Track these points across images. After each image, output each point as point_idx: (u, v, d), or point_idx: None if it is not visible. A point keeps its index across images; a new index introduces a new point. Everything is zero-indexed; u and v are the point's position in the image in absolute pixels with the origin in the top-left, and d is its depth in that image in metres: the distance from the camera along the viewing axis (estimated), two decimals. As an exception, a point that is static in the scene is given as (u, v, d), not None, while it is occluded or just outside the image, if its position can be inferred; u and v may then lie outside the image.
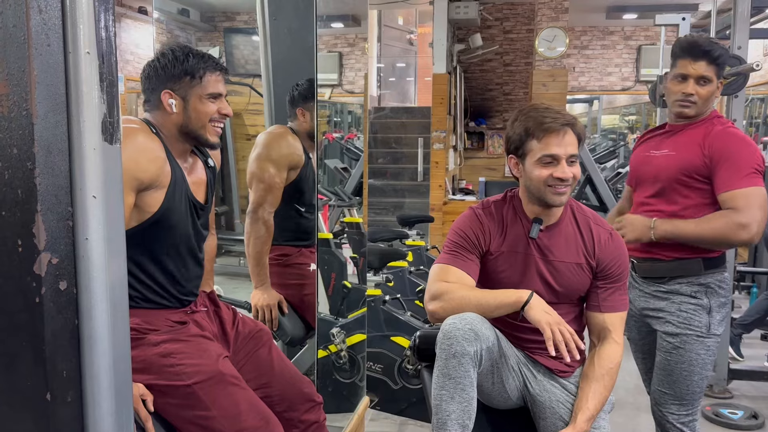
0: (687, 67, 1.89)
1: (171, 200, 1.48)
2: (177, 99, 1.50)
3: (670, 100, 1.96)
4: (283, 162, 2.23)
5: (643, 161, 2.03)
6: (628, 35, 8.54)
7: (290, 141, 2.26)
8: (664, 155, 1.96)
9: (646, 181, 2.00)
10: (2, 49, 0.75)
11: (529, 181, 1.62)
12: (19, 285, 0.78)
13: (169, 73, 1.49)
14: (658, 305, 1.98)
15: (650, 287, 2.01)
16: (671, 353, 1.94)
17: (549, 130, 1.57)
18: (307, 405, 1.65)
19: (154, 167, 1.44)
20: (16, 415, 0.80)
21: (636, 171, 2.07)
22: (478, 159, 7.92)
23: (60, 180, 0.79)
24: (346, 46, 8.40)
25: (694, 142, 1.91)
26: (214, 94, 1.52)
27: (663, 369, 1.97)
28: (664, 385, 1.97)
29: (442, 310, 1.60)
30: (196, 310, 1.58)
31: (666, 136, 2.01)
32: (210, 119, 1.52)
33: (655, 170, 1.97)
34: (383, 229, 4.16)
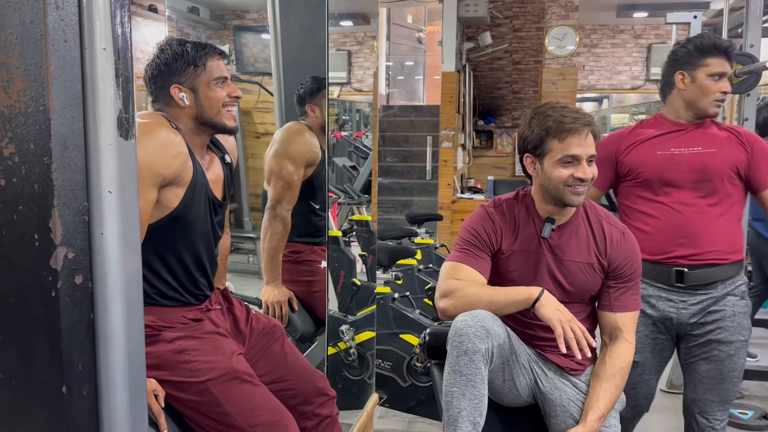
0: (723, 66, 1.88)
1: (191, 197, 1.48)
2: (187, 91, 1.50)
3: (707, 99, 1.89)
4: (300, 159, 2.23)
5: (669, 161, 1.91)
6: (638, 34, 8.50)
7: (307, 137, 2.26)
8: (701, 153, 1.90)
9: (685, 181, 1.90)
10: (20, 45, 0.76)
11: (548, 180, 1.61)
12: (36, 279, 0.78)
13: (173, 67, 1.50)
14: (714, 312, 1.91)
15: (698, 296, 1.91)
16: (725, 362, 1.90)
17: (571, 130, 1.56)
18: (321, 399, 1.66)
19: (178, 163, 1.45)
20: (32, 408, 0.81)
21: (662, 172, 1.92)
22: (487, 157, 7.90)
23: (76, 175, 0.79)
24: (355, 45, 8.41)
25: (726, 138, 1.92)
26: (220, 78, 1.53)
27: (713, 378, 1.92)
28: (713, 394, 1.93)
29: (452, 307, 1.60)
30: (211, 308, 1.59)
31: (677, 134, 1.95)
32: (222, 104, 1.53)
33: (701, 168, 1.89)
34: (392, 227, 4.16)
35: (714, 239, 1.89)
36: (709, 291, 1.90)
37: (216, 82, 1.52)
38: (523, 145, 1.66)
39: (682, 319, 1.93)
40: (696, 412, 1.96)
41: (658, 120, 2.02)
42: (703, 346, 1.92)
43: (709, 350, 1.91)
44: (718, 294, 1.90)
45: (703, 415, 1.95)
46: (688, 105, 1.94)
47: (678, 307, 1.93)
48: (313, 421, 1.64)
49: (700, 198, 1.90)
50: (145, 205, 1.38)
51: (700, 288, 1.90)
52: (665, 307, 1.94)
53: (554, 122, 1.58)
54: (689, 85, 1.92)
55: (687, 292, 1.91)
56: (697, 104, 1.92)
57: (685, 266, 1.89)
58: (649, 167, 1.94)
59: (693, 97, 1.92)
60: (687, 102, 1.94)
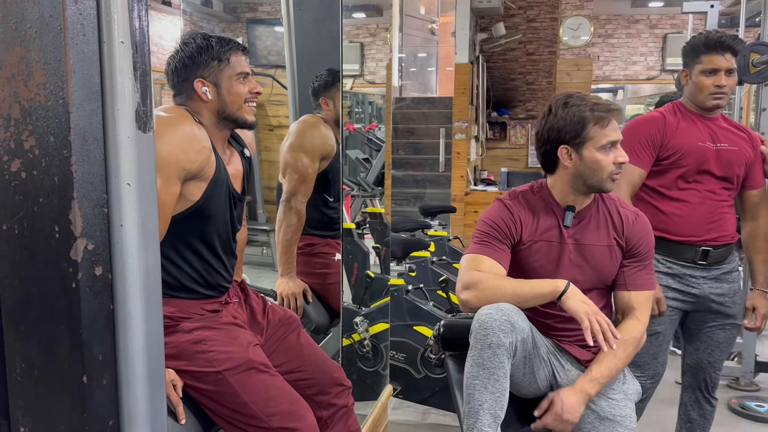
0: (716, 61, 2.02)
1: (213, 190, 1.49)
2: (210, 86, 1.51)
3: (702, 94, 2.05)
4: (316, 152, 2.24)
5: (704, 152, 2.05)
6: (653, 24, 8.42)
7: (323, 130, 2.27)
8: (727, 149, 2.06)
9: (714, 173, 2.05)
10: (39, 39, 0.77)
11: (589, 169, 1.62)
12: (57, 270, 0.79)
13: (197, 61, 1.50)
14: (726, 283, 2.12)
15: (713, 271, 2.09)
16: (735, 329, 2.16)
17: (609, 117, 1.60)
18: (337, 389, 1.67)
19: (202, 157, 1.45)
20: (54, 397, 0.82)
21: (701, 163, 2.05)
22: (500, 149, 7.87)
23: (95, 167, 0.80)
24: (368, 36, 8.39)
25: (741, 138, 2.10)
26: (243, 73, 1.53)
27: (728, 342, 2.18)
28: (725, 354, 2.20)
29: (475, 299, 1.60)
30: (230, 301, 1.60)
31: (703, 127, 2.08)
32: (245, 100, 1.54)
33: (727, 163, 2.05)
34: (405, 219, 4.16)
35: (730, 224, 2.11)
36: (721, 266, 2.11)
37: (238, 78, 1.53)
38: (556, 136, 1.64)
39: (704, 292, 2.09)
40: (711, 371, 2.21)
41: (681, 110, 2.13)
42: (722, 318, 2.13)
43: (726, 322, 2.14)
44: (728, 268, 2.13)
45: (716, 372, 2.21)
46: (691, 99, 2.11)
47: (699, 282, 2.10)
48: (329, 410, 1.65)
49: (722, 189, 2.08)
50: (169, 198, 1.39)
51: (715, 264, 2.10)
52: (689, 282, 2.09)
53: (591, 110, 1.60)
54: (689, 82, 2.10)
55: (705, 269, 2.09)
56: (696, 99, 2.08)
57: (711, 247, 2.07)
58: (691, 156, 2.06)
59: (691, 93, 2.10)
60: (689, 97, 2.11)
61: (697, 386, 2.23)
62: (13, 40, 0.78)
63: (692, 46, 2.07)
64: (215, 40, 1.51)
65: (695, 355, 2.20)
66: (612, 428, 1.62)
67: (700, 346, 2.18)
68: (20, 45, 0.78)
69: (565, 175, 1.66)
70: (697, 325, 2.17)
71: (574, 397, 1.59)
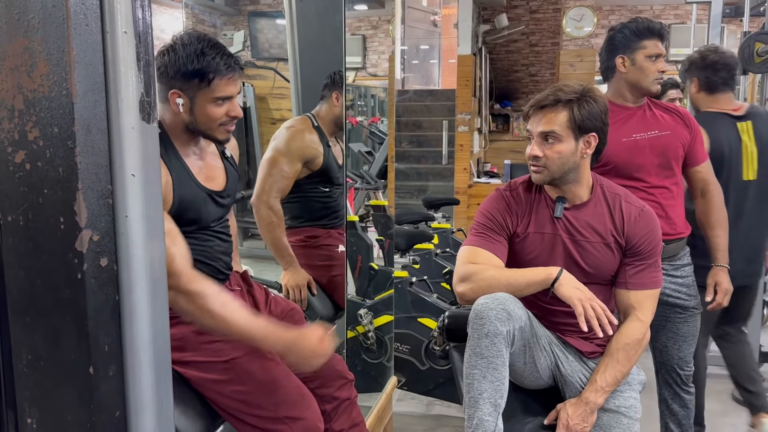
0: (658, 47, 2.01)
1: (181, 199, 1.46)
2: (185, 99, 1.45)
3: (648, 79, 2.01)
4: (295, 156, 2.23)
5: (635, 146, 1.99)
6: (657, 14, 8.37)
7: (306, 136, 2.26)
8: (659, 136, 2.02)
9: (651, 165, 2.00)
10: (42, 30, 0.77)
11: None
12: (62, 261, 0.79)
13: (179, 71, 1.43)
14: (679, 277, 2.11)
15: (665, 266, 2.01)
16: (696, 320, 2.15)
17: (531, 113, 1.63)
18: (340, 382, 1.67)
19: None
20: (60, 388, 0.83)
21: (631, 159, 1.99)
22: (504, 142, 7.85)
23: (100, 158, 0.80)
24: (370, 29, 8.37)
25: (672, 120, 2.06)
26: (222, 97, 1.46)
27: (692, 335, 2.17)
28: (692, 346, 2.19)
29: (471, 291, 1.60)
30: (231, 289, 1.60)
31: (630, 118, 2.03)
32: (219, 123, 1.48)
33: (662, 151, 2.00)
34: (409, 212, 4.16)
35: (679, 214, 2.08)
36: (674, 262, 2.09)
37: (215, 101, 1.46)
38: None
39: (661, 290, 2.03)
40: (682, 365, 2.19)
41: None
42: (683, 313, 2.12)
43: (685, 315, 2.13)
44: (680, 263, 2.11)
45: (688, 366, 2.19)
46: (631, 86, 2.05)
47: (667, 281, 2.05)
48: (333, 404, 1.65)
49: (665, 179, 2.03)
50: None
51: (667, 259, 2.05)
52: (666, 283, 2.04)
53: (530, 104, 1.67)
54: (630, 67, 2.03)
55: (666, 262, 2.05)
56: (640, 84, 2.03)
57: (663, 242, 1.95)
58: (616, 154, 1.97)
59: (635, 79, 2.03)
60: (630, 84, 2.05)
61: (673, 381, 2.21)
62: (16, 31, 0.77)
63: (633, 31, 2.03)
64: (205, 56, 1.42)
65: (665, 353, 2.19)
66: (616, 419, 1.62)
67: (667, 343, 2.17)
68: (23, 36, 0.77)
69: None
70: (660, 322, 2.12)
71: (580, 409, 1.59)
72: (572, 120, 1.58)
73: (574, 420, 1.57)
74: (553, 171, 1.61)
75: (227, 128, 1.51)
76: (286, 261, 2.24)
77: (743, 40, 3.10)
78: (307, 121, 2.31)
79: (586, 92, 1.61)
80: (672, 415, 2.25)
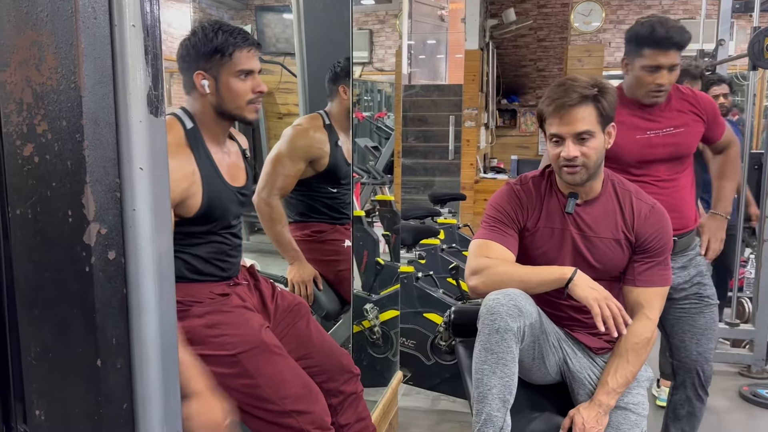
0: (660, 59, 1.86)
1: (209, 200, 1.48)
2: (210, 79, 1.46)
3: (641, 90, 1.92)
4: (298, 155, 2.23)
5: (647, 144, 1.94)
6: (665, 9, 8.30)
7: (311, 135, 2.26)
8: (673, 133, 1.96)
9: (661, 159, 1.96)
10: (51, 23, 0.76)
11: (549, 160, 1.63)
12: (70, 254, 0.79)
13: (200, 51, 1.46)
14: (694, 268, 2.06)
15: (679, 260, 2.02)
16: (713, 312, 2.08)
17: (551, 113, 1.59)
18: (346, 376, 1.67)
19: (184, 184, 1.43)
20: (68, 381, 0.83)
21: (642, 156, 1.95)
22: (510, 137, 7.83)
23: (108, 152, 0.80)
24: (377, 24, 8.33)
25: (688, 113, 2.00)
26: (245, 70, 1.47)
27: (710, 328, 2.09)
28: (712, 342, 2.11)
29: (483, 285, 1.59)
30: (238, 283, 1.61)
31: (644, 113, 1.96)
32: (247, 101, 1.49)
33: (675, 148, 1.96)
34: (415, 207, 4.15)
35: (690, 207, 2.04)
36: (687, 253, 2.05)
37: (239, 75, 1.47)
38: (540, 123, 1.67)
39: (674, 282, 1.98)
40: (702, 362, 2.09)
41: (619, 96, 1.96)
42: (698, 303, 2.06)
43: (702, 305, 2.05)
44: (693, 254, 2.07)
45: (707, 363, 2.09)
46: (629, 92, 1.97)
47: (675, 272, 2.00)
48: (338, 398, 1.66)
49: (675, 173, 1.99)
50: None
51: (680, 252, 2.02)
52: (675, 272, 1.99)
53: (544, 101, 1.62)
54: (630, 73, 1.94)
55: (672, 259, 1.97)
56: (634, 93, 1.95)
57: (675, 236, 1.94)
58: (629, 153, 1.94)
59: (630, 86, 1.96)
60: (628, 87, 1.97)
61: (691, 383, 2.10)
62: (24, 24, 0.77)
63: (637, 37, 1.89)
64: (223, 33, 1.46)
65: (682, 349, 2.10)
66: (624, 416, 1.62)
67: (684, 337, 2.08)
68: (32, 29, 0.77)
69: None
70: (675, 315, 2.07)
71: (593, 412, 1.59)
72: (600, 114, 1.58)
73: (589, 423, 1.58)
74: (590, 169, 1.60)
75: (255, 106, 1.52)
76: (290, 256, 2.25)
77: (753, 35, 3.07)
78: (317, 119, 2.30)
79: (600, 83, 1.60)
80: (677, 420, 2.15)
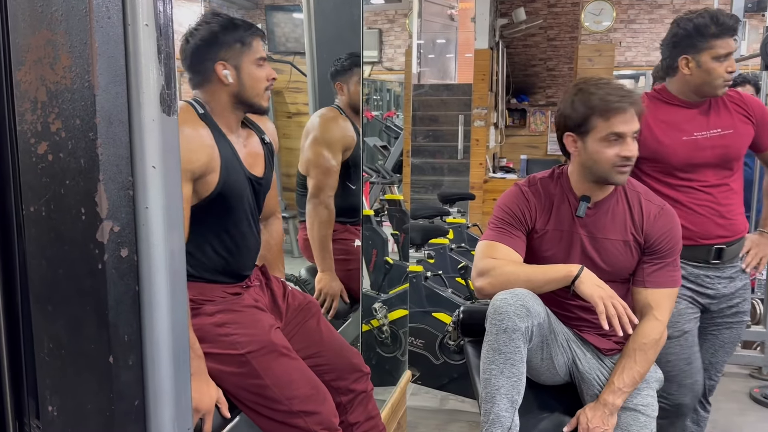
0: (729, 45, 1.82)
1: (226, 180, 1.48)
2: (231, 69, 1.48)
3: (716, 81, 1.84)
4: (337, 145, 2.24)
5: (695, 146, 1.88)
6: (677, 9, 8.25)
7: (341, 123, 2.26)
8: (722, 135, 1.89)
9: (708, 163, 1.89)
10: (65, 22, 0.77)
11: (592, 160, 1.58)
12: (83, 252, 0.80)
13: (221, 41, 1.47)
14: (740, 280, 1.99)
15: (728, 270, 1.95)
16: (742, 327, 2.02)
17: (617, 109, 1.53)
18: (356, 375, 1.67)
19: (205, 157, 1.44)
20: (81, 377, 0.84)
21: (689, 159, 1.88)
22: (520, 136, 7.81)
23: (121, 150, 0.80)
24: (386, 23, 8.34)
25: (737, 114, 1.93)
26: (263, 57, 1.52)
27: (732, 342, 2.04)
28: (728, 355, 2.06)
29: (490, 286, 1.59)
30: (251, 285, 1.61)
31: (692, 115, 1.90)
32: (264, 87, 1.53)
33: (723, 151, 1.89)
34: (424, 206, 4.15)
35: (740, 214, 1.96)
36: (735, 264, 1.97)
37: (258, 62, 1.51)
38: (563, 123, 1.62)
39: (720, 293, 1.96)
40: (712, 373, 2.07)
41: (666, 97, 1.95)
42: (732, 317, 1.99)
43: (734, 321, 2.00)
44: (741, 264, 1.99)
45: (716, 374, 2.07)
46: (696, 89, 1.89)
47: (714, 282, 1.95)
48: (348, 396, 1.66)
49: (724, 177, 1.92)
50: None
51: (729, 261, 1.95)
52: (704, 283, 1.95)
53: (599, 100, 1.54)
54: (695, 70, 1.86)
55: (719, 268, 1.95)
56: (705, 88, 1.88)
57: (723, 244, 1.92)
58: (675, 155, 1.89)
59: (699, 82, 1.87)
60: (694, 87, 1.89)
61: None
62: (39, 23, 0.78)
63: (699, 29, 1.82)
64: (239, 21, 1.49)
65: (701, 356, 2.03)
66: (633, 417, 1.61)
67: (703, 345, 2.02)
68: (46, 28, 0.78)
69: (576, 163, 1.64)
70: (703, 324, 2.00)
71: (599, 412, 1.59)
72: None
73: (594, 423, 1.57)
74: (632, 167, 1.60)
75: (268, 93, 1.55)
76: (327, 264, 2.24)
77: (765, 34, 3.06)
78: (334, 110, 2.31)
79: None
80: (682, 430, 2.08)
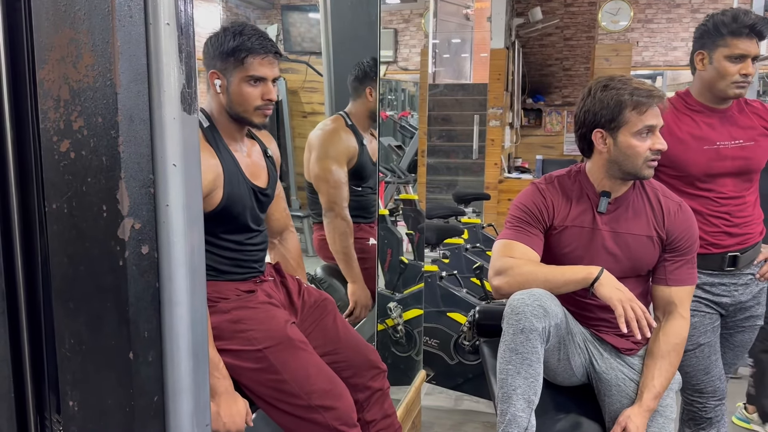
0: (745, 46, 1.76)
1: (230, 194, 1.50)
2: (222, 80, 1.49)
3: (724, 81, 1.79)
4: (341, 157, 2.25)
5: (716, 156, 1.83)
6: (695, 8, 8.17)
7: (342, 135, 2.27)
8: (743, 146, 1.84)
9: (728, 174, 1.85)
10: (88, 21, 0.78)
11: (624, 155, 1.57)
12: (104, 248, 0.81)
13: (217, 51, 1.48)
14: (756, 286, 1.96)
15: (743, 277, 1.93)
16: (755, 330, 2.00)
17: (649, 102, 1.54)
18: (373, 372, 1.68)
19: (211, 176, 1.45)
20: (101, 373, 0.85)
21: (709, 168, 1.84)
22: (535, 137, 7.78)
23: (142, 148, 0.81)
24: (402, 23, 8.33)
25: (758, 125, 1.88)
26: (255, 77, 1.48)
27: (743, 345, 2.02)
28: (738, 358, 2.05)
29: (507, 285, 1.59)
30: (264, 280, 1.62)
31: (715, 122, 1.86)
32: (255, 107, 1.50)
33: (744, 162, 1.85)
34: (439, 206, 4.15)
35: (755, 221, 1.92)
36: (751, 269, 1.94)
37: (249, 81, 1.48)
38: (592, 120, 1.60)
39: (736, 300, 1.94)
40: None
41: (689, 102, 1.91)
42: (745, 321, 1.98)
43: (748, 324, 1.98)
44: (755, 271, 1.95)
45: (726, 375, 2.02)
46: (707, 87, 1.85)
47: (730, 290, 1.93)
48: (365, 393, 1.66)
49: (743, 189, 1.88)
50: None
51: (745, 267, 1.93)
52: (719, 291, 1.92)
53: (630, 94, 1.54)
54: (707, 66, 1.82)
55: (735, 275, 1.92)
56: (714, 87, 1.83)
57: (737, 251, 1.89)
58: (695, 164, 1.85)
59: (710, 79, 1.83)
60: (708, 85, 1.84)
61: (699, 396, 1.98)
62: (62, 22, 0.79)
63: (719, 26, 1.78)
64: (241, 36, 1.46)
65: None
66: (653, 418, 1.60)
67: None
68: (69, 27, 0.79)
69: (601, 160, 1.63)
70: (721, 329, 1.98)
71: (645, 417, 1.59)
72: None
73: (642, 430, 1.58)
74: None
75: (264, 112, 1.53)
76: (354, 273, 2.25)
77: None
78: (340, 120, 2.31)
79: None
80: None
